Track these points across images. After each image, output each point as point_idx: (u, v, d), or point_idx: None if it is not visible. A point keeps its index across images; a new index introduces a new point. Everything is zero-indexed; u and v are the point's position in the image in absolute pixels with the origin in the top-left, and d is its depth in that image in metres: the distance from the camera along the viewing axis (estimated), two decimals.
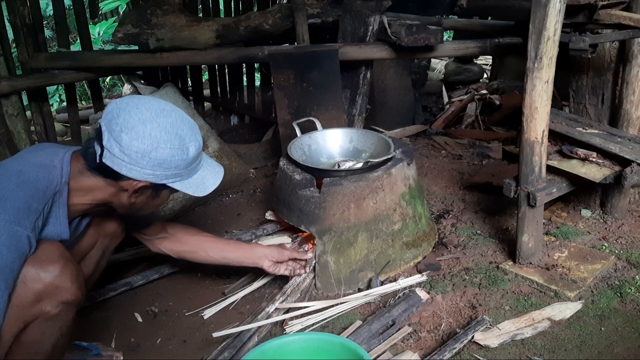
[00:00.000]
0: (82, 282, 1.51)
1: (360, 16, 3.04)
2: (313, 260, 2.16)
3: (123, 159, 1.42)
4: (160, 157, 1.44)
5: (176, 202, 2.75)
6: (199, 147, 1.54)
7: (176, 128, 1.46)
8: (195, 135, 1.53)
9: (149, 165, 1.44)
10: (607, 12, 2.07)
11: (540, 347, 1.80)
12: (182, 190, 1.56)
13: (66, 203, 1.52)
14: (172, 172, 1.50)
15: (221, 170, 1.67)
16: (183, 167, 1.51)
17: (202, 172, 1.60)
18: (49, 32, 6.28)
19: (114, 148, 1.41)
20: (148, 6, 3.06)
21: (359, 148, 2.44)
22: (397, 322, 1.90)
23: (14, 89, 3.17)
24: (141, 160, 1.43)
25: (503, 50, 3.01)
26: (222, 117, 4.29)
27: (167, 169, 1.48)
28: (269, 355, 1.59)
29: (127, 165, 1.43)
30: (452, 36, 5.38)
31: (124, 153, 1.41)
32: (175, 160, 1.47)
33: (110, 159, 1.43)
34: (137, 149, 1.41)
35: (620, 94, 2.33)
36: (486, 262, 2.26)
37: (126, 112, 1.42)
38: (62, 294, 1.45)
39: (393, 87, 3.93)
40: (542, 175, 2.10)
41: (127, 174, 1.45)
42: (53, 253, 1.45)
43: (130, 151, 1.41)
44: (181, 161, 1.49)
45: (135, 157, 1.42)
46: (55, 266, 1.43)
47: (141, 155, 1.42)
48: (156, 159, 1.44)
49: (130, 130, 1.40)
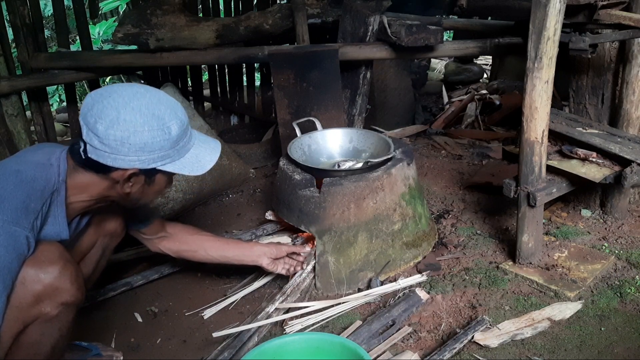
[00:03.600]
0: (81, 283, 1.51)
1: (360, 16, 3.04)
2: (313, 260, 2.16)
3: (105, 150, 1.39)
4: (140, 141, 1.40)
5: (176, 202, 2.75)
6: (183, 125, 1.47)
7: (152, 109, 1.41)
8: (176, 113, 1.46)
9: (131, 151, 1.40)
10: (607, 12, 2.07)
11: (540, 347, 1.80)
12: (175, 171, 1.51)
13: (64, 202, 1.50)
14: (158, 155, 1.44)
15: (217, 146, 1.61)
16: (169, 148, 1.45)
17: (196, 150, 1.54)
18: (49, 32, 6.28)
19: (93, 140, 1.39)
20: (148, 6, 3.06)
21: (359, 148, 2.44)
22: (397, 322, 1.90)
23: (14, 89, 3.17)
24: (122, 147, 1.39)
25: (503, 50, 3.01)
26: (222, 117, 4.29)
27: (152, 152, 1.43)
28: (269, 355, 1.59)
29: (110, 156, 1.40)
30: (452, 36, 5.38)
31: (103, 144, 1.38)
32: (158, 141, 1.42)
33: (94, 152, 1.41)
34: (115, 137, 1.37)
35: (620, 94, 2.33)
36: (486, 262, 2.26)
37: (99, 102, 1.39)
38: (62, 295, 1.44)
39: (393, 87, 3.93)
40: (542, 175, 2.10)
41: (112, 164, 1.42)
42: (52, 254, 1.44)
43: (109, 140, 1.38)
44: (164, 142, 1.43)
45: (115, 146, 1.38)
46: (55, 267, 1.42)
47: (120, 143, 1.38)
48: (137, 143, 1.39)
49: (104, 120, 1.37)
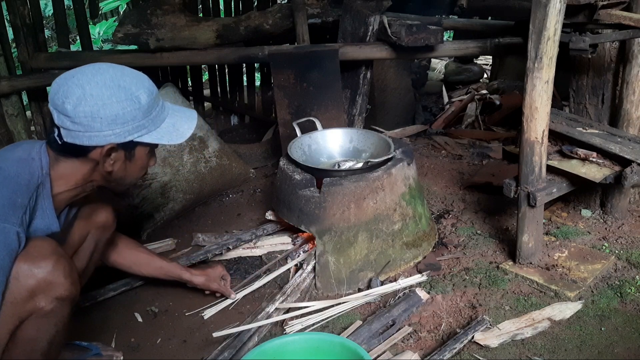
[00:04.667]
0: (75, 278, 1.50)
1: (360, 16, 3.04)
2: (313, 259, 2.16)
3: (78, 130, 1.39)
4: (111, 113, 1.39)
5: (176, 202, 2.75)
6: (152, 94, 1.47)
7: (117, 81, 1.41)
8: (142, 83, 1.46)
9: (104, 126, 1.39)
10: (607, 12, 2.07)
11: (540, 347, 1.80)
12: (154, 141, 1.51)
13: (50, 194, 1.49)
14: (133, 126, 1.44)
15: (193, 114, 1.61)
16: (142, 118, 1.45)
17: (172, 119, 1.54)
18: (49, 32, 6.27)
19: (65, 122, 1.39)
20: (148, 6, 3.06)
21: (359, 148, 2.44)
22: (397, 322, 1.90)
23: (14, 89, 3.17)
24: (93, 123, 1.38)
25: (503, 50, 3.01)
26: (222, 117, 4.28)
27: (124, 123, 1.42)
28: (269, 355, 1.59)
29: (84, 135, 1.40)
30: (452, 36, 5.38)
31: (75, 123, 1.38)
32: (129, 112, 1.42)
33: (69, 135, 1.40)
34: (84, 113, 1.37)
35: (621, 94, 2.33)
36: (486, 262, 2.26)
37: (64, 84, 1.40)
38: (56, 290, 1.43)
39: (393, 87, 3.93)
40: (542, 175, 2.10)
41: (88, 143, 1.41)
42: (45, 249, 1.44)
43: (79, 118, 1.37)
44: (136, 111, 1.43)
45: (87, 123, 1.38)
46: (48, 262, 1.42)
47: (91, 119, 1.38)
48: (107, 117, 1.39)
49: (71, 98, 1.37)
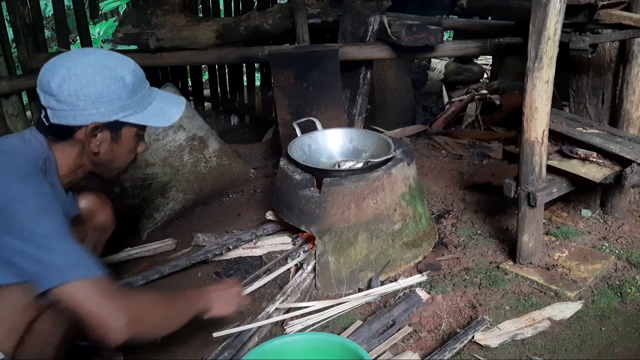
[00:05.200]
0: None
1: (360, 16, 3.04)
2: (313, 259, 2.16)
3: (63, 109, 1.38)
4: (95, 91, 1.38)
5: (176, 202, 2.75)
6: (137, 75, 1.47)
7: (102, 61, 1.41)
8: (128, 64, 1.46)
9: (88, 104, 1.39)
10: (607, 12, 2.07)
11: (540, 347, 1.80)
12: (140, 122, 1.49)
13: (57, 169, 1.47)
14: (118, 105, 1.43)
15: (182, 100, 1.60)
16: (126, 98, 1.44)
17: (159, 103, 1.54)
18: (49, 32, 6.27)
19: (50, 102, 1.38)
20: (148, 6, 3.06)
21: (359, 148, 2.44)
22: (397, 322, 1.90)
23: (14, 89, 3.17)
24: (78, 101, 1.38)
25: (503, 50, 3.01)
26: (222, 117, 4.29)
27: (109, 102, 1.41)
28: (269, 355, 1.59)
29: (70, 113, 1.39)
30: (452, 36, 5.38)
31: (60, 102, 1.38)
32: (113, 90, 1.41)
33: (54, 115, 1.40)
34: (69, 91, 1.37)
35: (621, 93, 2.33)
36: (486, 262, 2.26)
37: (50, 66, 1.40)
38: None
39: (393, 87, 3.93)
40: (542, 175, 2.10)
41: (73, 122, 1.40)
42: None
43: (64, 96, 1.37)
44: (120, 90, 1.42)
45: (72, 101, 1.37)
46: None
47: (76, 96, 1.37)
48: (92, 94, 1.38)
49: (56, 77, 1.37)
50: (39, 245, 1.24)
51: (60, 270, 1.24)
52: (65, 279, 1.23)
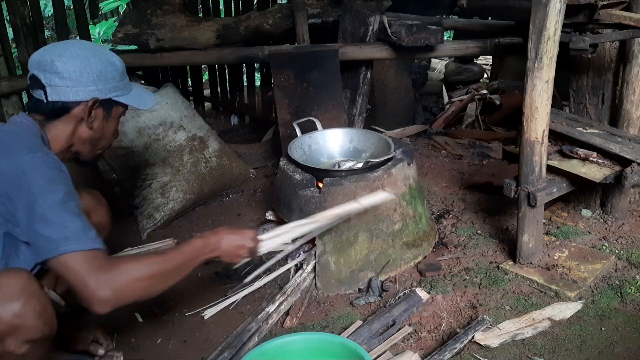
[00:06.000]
0: (50, 316, 1.40)
1: (360, 16, 3.04)
2: (313, 259, 2.16)
3: (66, 85, 1.51)
4: (96, 69, 1.54)
5: (176, 202, 2.75)
6: (123, 64, 1.65)
7: (95, 47, 1.63)
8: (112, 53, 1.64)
9: (89, 81, 1.53)
10: (607, 12, 2.07)
11: (540, 347, 1.80)
12: (128, 102, 1.65)
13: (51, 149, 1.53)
14: (112, 85, 1.59)
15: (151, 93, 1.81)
16: (119, 79, 1.61)
17: (136, 90, 1.70)
18: (49, 32, 6.27)
19: (53, 79, 1.50)
20: (148, 6, 3.06)
21: (359, 148, 2.44)
22: (397, 322, 1.90)
23: (14, 89, 3.16)
24: (81, 78, 1.52)
25: (503, 50, 3.01)
26: (222, 117, 4.28)
27: (106, 81, 1.57)
28: (269, 355, 1.59)
29: (72, 89, 1.52)
30: (452, 36, 5.38)
31: (64, 78, 1.50)
32: (109, 71, 1.57)
33: (55, 92, 1.51)
34: (74, 68, 1.51)
35: (621, 93, 2.33)
36: (486, 262, 2.26)
37: (48, 50, 1.54)
38: (26, 333, 1.34)
39: (393, 87, 3.93)
40: (543, 175, 2.10)
41: (74, 97, 1.52)
42: (12, 286, 1.33)
43: (69, 73, 1.50)
44: (114, 72, 1.59)
45: (76, 77, 1.51)
46: (15, 303, 1.31)
47: (80, 73, 1.51)
48: (93, 72, 1.53)
49: (61, 57, 1.50)
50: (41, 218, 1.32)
51: (57, 243, 1.31)
52: (60, 251, 1.31)
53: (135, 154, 2.72)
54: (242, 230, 1.69)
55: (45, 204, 1.32)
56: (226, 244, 1.61)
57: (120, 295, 1.36)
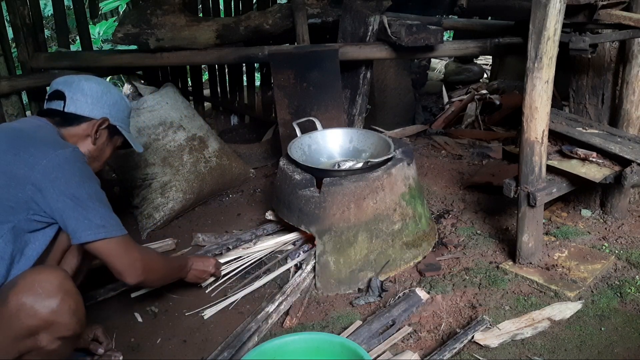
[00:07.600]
0: (82, 315, 1.46)
1: (360, 16, 3.04)
2: (313, 259, 2.16)
3: (86, 101, 1.71)
4: (113, 98, 1.78)
5: (176, 202, 2.75)
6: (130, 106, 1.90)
7: (110, 84, 1.84)
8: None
9: (106, 105, 1.75)
10: (607, 12, 2.07)
11: (540, 347, 1.80)
12: (128, 138, 1.85)
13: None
14: (121, 116, 1.81)
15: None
16: (127, 117, 1.86)
17: (132, 134, 1.91)
18: (49, 32, 6.27)
19: (76, 94, 1.70)
20: (148, 6, 3.05)
21: (359, 148, 2.44)
22: (397, 322, 1.90)
23: (14, 89, 3.16)
24: (100, 99, 1.73)
25: (503, 50, 3.01)
26: (222, 117, 4.28)
27: (119, 111, 1.80)
28: (269, 355, 1.59)
29: (89, 106, 1.71)
30: (452, 36, 5.37)
31: (86, 95, 1.71)
32: (123, 105, 1.82)
33: (73, 104, 1.69)
34: (97, 90, 1.73)
35: (620, 94, 2.33)
36: (486, 262, 2.26)
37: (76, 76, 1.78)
38: (60, 330, 1.39)
39: (393, 87, 3.93)
40: (542, 175, 2.10)
41: (89, 113, 1.71)
42: (51, 283, 1.39)
43: (92, 92, 1.72)
44: (126, 109, 1.84)
45: (97, 97, 1.73)
46: (53, 300, 1.37)
47: (100, 95, 1.73)
48: (110, 99, 1.76)
49: (88, 81, 1.75)
50: (82, 206, 1.51)
51: (95, 229, 1.53)
52: (97, 236, 1.54)
53: (135, 153, 2.73)
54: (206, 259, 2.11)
55: (85, 194, 1.52)
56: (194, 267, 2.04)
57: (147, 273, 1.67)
